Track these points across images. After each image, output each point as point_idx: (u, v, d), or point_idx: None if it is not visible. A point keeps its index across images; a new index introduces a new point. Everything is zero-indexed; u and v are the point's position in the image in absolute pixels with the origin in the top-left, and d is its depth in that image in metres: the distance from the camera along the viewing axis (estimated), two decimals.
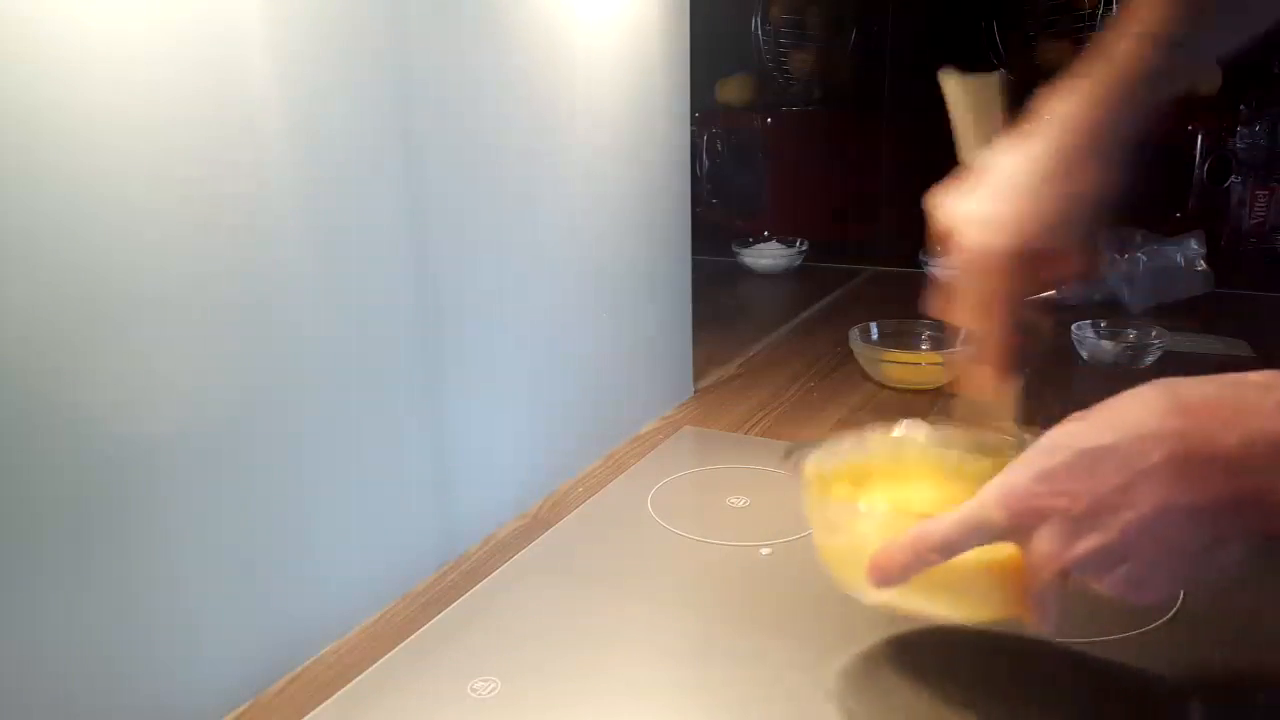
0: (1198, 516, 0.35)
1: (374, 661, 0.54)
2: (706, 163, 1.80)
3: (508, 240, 0.70)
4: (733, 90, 1.80)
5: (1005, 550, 0.41)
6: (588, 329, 0.82)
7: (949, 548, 0.40)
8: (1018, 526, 0.39)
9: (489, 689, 0.51)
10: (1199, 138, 1.50)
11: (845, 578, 0.47)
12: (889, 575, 0.42)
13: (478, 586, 0.61)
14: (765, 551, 0.65)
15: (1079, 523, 0.37)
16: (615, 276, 0.85)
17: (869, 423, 0.54)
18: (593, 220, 0.80)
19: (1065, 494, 0.37)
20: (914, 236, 0.50)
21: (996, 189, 0.52)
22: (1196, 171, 1.50)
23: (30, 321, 0.40)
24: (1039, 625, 0.41)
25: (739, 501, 0.73)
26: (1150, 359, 1.02)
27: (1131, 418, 0.36)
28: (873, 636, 0.55)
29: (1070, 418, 0.39)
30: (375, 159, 0.57)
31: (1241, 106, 1.50)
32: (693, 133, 0.96)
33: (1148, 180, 1.57)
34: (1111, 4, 1.39)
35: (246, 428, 0.51)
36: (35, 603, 0.42)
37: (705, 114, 1.76)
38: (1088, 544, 0.37)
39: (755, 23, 1.70)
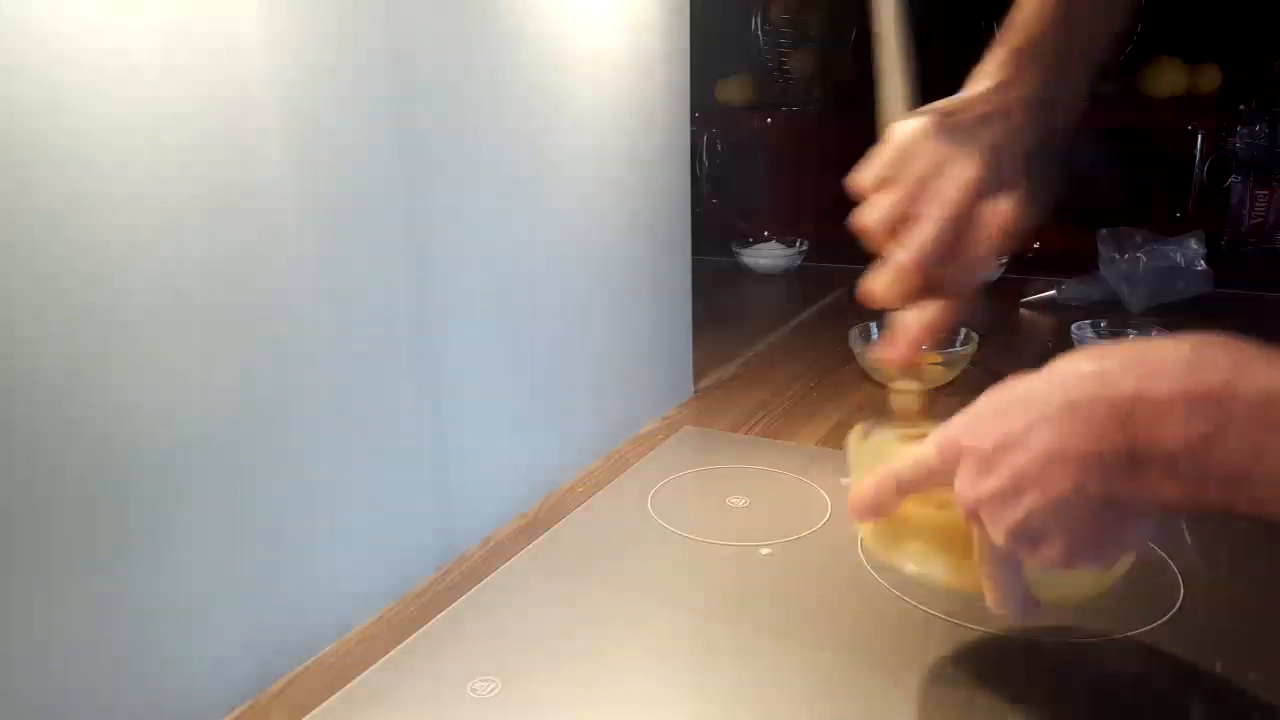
0: (1087, 463, 0.34)
1: (374, 661, 0.54)
2: (706, 163, 1.80)
3: (507, 240, 0.70)
4: (733, 90, 1.80)
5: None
6: (588, 329, 0.82)
7: (903, 485, 0.42)
8: (949, 468, 0.40)
9: (489, 689, 0.51)
10: (1199, 138, 1.50)
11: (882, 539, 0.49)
12: (862, 508, 0.45)
13: (478, 586, 0.61)
14: (765, 551, 0.65)
15: (984, 462, 0.37)
16: (615, 276, 0.85)
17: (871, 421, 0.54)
18: (593, 220, 0.80)
19: (978, 434, 0.38)
20: None
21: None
22: (1196, 171, 1.50)
23: (33, 326, 0.40)
24: (995, 603, 0.42)
25: (739, 501, 0.73)
26: None
27: (1055, 371, 0.37)
28: (872, 637, 0.55)
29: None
30: (375, 159, 0.57)
31: (1241, 106, 1.50)
32: (693, 133, 0.96)
33: (1148, 180, 1.57)
34: None
35: (246, 427, 0.51)
36: (36, 602, 0.42)
37: (705, 114, 1.76)
38: (988, 484, 0.37)
39: (755, 23, 1.70)
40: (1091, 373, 0.35)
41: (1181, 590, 0.59)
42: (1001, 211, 0.49)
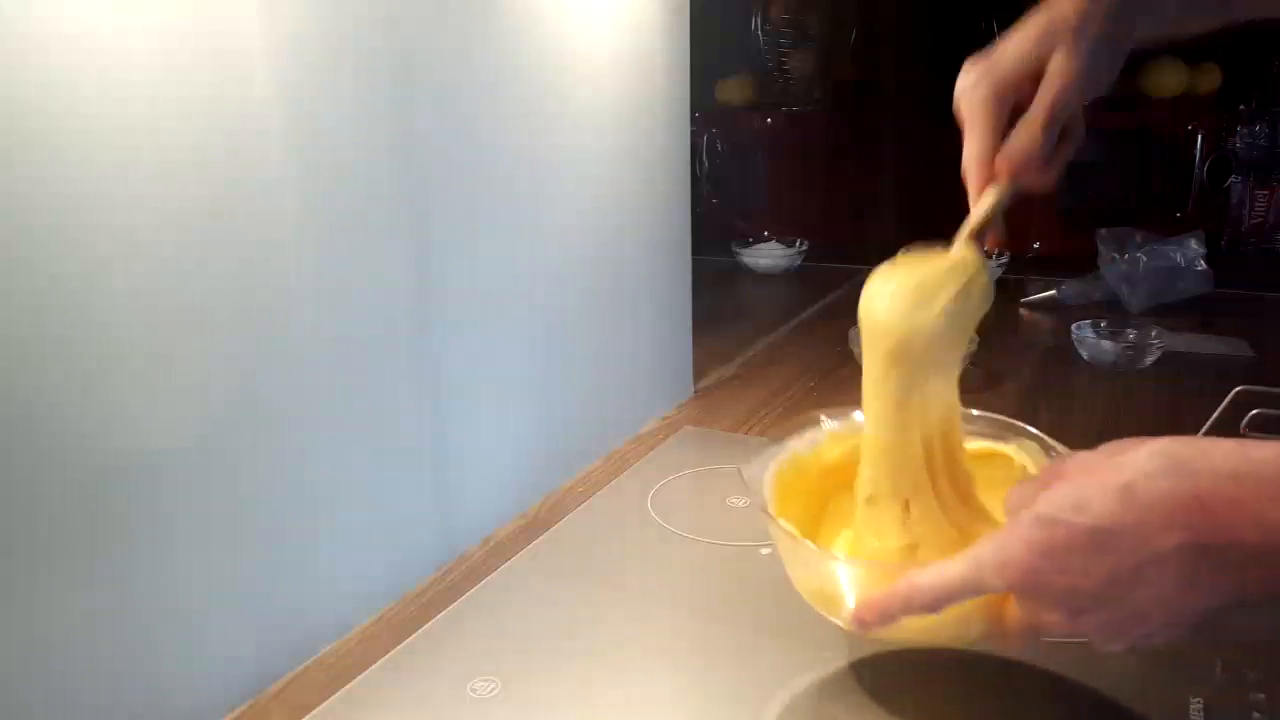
0: (1219, 591, 0.35)
1: (374, 661, 0.54)
2: (706, 163, 1.80)
3: (507, 240, 0.70)
4: (733, 90, 1.80)
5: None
6: (588, 329, 0.82)
7: (939, 604, 0.40)
8: (1017, 595, 0.39)
9: (489, 689, 0.51)
10: (1199, 138, 1.50)
11: (819, 605, 0.47)
12: (872, 624, 0.43)
13: (478, 587, 0.61)
14: (765, 551, 0.65)
15: (1090, 598, 0.36)
16: (615, 276, 0.85)
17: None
18: (593, 220, 0.80)
19: (1071, 571, 0.36)
20: (914, 236, 0.49)
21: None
22: (1196, 171, 1.50)
23: (32, 326, 0.40)
24: (1013, 649, 0.42)
25: (739, 501, 0.73)
26: (1150, 359, 1.02)
27: (1138, 495, 0.35)
28: (873, 636, 0.55)
29: (1065, 465, 0.38)
30: (375, 160, 0.57)
31: (1241, 106, 1.50)
32: (693, 133, 0.96)
33: (1148, 180, 1.57)
34: None
35: (247, 428, 0.51)
36: (38, 603, 0.42)
37: (705, 114, 1.76)
38: (1097, 618, 0.37)
39: (755, 23, 1.70)
40: (1200, 522, 0.34)
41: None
42: (1053, 75, 0.47)
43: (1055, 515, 0.36)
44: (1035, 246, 1.55)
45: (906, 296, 0.44)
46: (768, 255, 1.63)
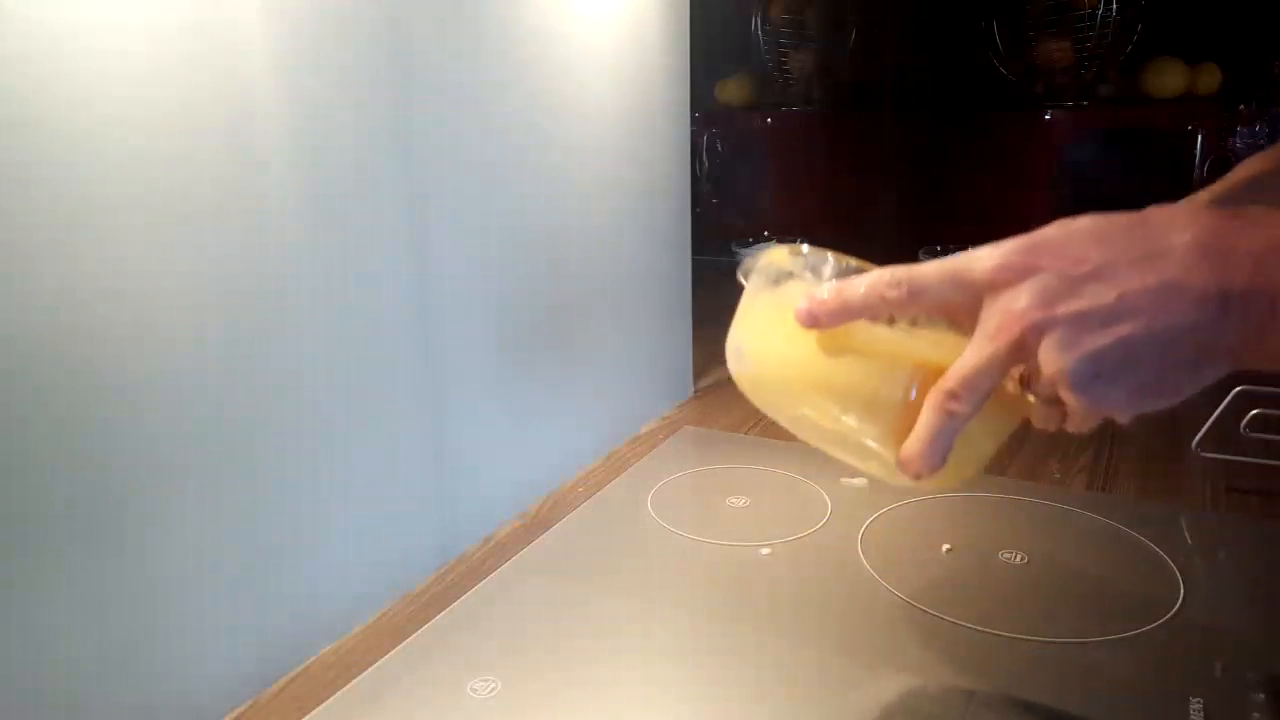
0: (1205, 306, 0.32)
1: (374, 661, 0.54)
2: (706, 163, 1.80)
3: (507, 240, 0.70)
4: (733, 90, 1.80)
5: (922, 356, 0.38)
6: (588, 329, 0.82)
7: (916, 290, 0.37)
8: (995, 282, 0.35)
9: (489, 689, 0.51)
10: (1199, 138, 1.50)
11: (781, 374, 0.43)
12: (822, 316, 0.38)
13: (478, 586, 0.61)
14: (765, 551, 0.65)
15: (1074, 283, 0.34)
16: (615, 276, 0.85)
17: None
18: (593, 220, 0.80)
19: (1068, 257, 0.34)
20: (913, 236, 0.49)
21: None
22: (1196, 171, 1.50)
23: (33, 326, 0.40)
24: (912, 452, 0.37)
25: (739, 501, 0.73)
26: None
27: (1164, 210, 0.34)
28: (872, 636, 0.55)
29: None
30: (375, 160, 0.57)
31: (1241, 106, 1.50)
32: (693, 133, 0.96)
33: (1148, 180, 1.57)
34: (1112, 4, 1.39)
35: (246, 428, 0.51)
36: (37, 602, 0.42)
37: (705, 114, 1.76)
38: (1073, 305, 0.33)
39: (755, 23, 1.70)
40: (1215, 224, 0.33)
41: (1181, 590, 0.59)
42: None
43: (1076, 221, 0.35)
44: None
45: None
46: None
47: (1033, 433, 0.42)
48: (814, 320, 0.39)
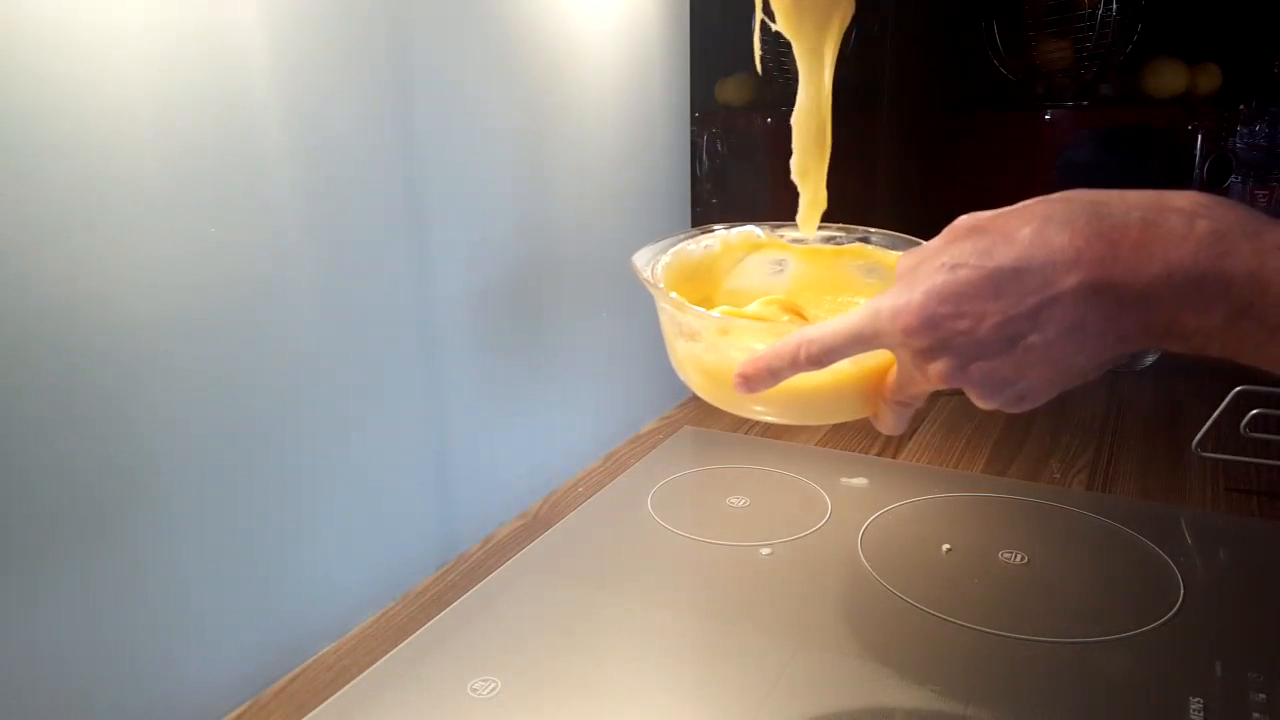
0: (1102, 341, 0.35)
1: (374, 661, 0.54)
2: (706, 163, 1.80)
3: (507, 240, 0.70)
4: (733, 90, 1.80)
5: (870, 359, 0.41)
6: (588, 329, 0.82)
7: (830, 355, 0.40)
8: (909, 342, 0.37)
9: (489, 689, 0.51)
10: (1199, 138, 1.50)
11: (705, 383, 0.47)
12: (757, 382, 0.42)
13: (478, 586, 0.61)
14: (765, 551, 0.65)
15: (980, 344, 0.36)
16: (615, 276, 0.85)
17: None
18: (592, 220, 0.80)
19: (969, 315, 0.36)
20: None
21: None
22: (1196, 171, 1.50)
23: (34, 327, 0.40)
24: (886, 429, 0.43)
25: (739, 501, 0.73)
26: (1150, 358, 1.02)
27: (1047, 237, 0.35)
28: (872, 636, 0.55)
29: (968, 224, 0.37)
30: (375, 160, 0.57)
31: (1241, 106, 1.50)
32: (693, 133, 0.96)
33: (1148, 180, 1.57)
34: (1111, 4, 1.39)
35: (247, 429, 0.51)
36: (38, 602, 0.42)
37: (705, 114, 1.76)
38: (985, 366, 0.36)
39: (755, 23, 1.70)
40: (1104, 255, 0.33)
41: (1181, 590, 0.59)
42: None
43: (962, 261, 0.36)
44: None
45: None
46: None
47: (1033, 433, 0.43)
48: (751, 389, 0.43)
